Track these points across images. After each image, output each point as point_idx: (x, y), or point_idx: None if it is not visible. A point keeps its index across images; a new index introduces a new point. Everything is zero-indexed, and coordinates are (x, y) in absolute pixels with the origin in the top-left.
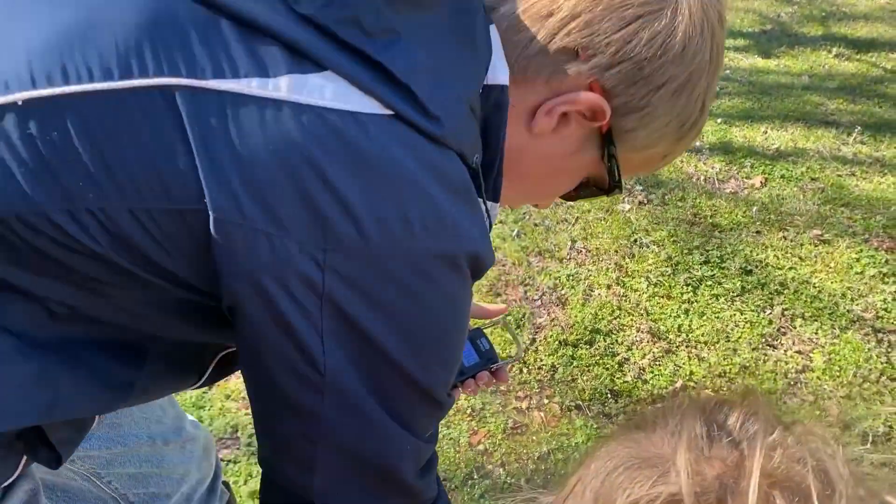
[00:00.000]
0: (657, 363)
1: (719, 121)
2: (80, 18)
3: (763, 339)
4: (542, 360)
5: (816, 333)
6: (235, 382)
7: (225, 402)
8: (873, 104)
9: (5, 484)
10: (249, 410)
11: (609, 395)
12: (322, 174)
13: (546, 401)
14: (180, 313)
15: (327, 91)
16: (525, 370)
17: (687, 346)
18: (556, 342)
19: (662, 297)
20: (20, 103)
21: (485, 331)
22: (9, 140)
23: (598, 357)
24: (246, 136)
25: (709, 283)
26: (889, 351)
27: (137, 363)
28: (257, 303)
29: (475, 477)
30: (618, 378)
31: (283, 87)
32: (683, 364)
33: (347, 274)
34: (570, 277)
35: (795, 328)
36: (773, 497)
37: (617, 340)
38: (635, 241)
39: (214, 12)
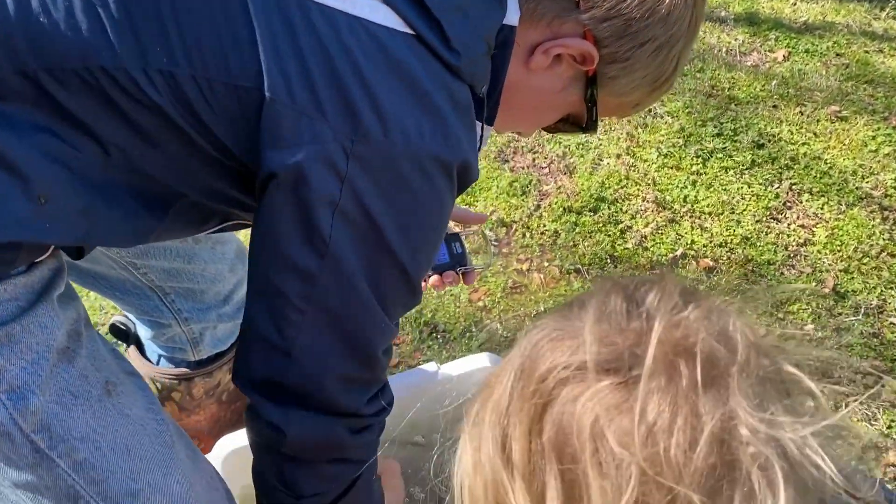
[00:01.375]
0: (659, 232)
1: None
2: None
3: (768, 213)
4: (545, 226)
5: (822, 209)
6: None
7: None
8: None
9: (34, 261)
10: None
11: (609, 260)
12: (359, 71)
13: (546, 264)
14: (214, 173)
15: (370, 8)
16: (528, 234)
17: (691, 217)
18: (561, 209)
19: (671, 168)
20: None
21: (462, 237)
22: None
23: (602, 224)
24: (304, 34)
25: (719, 155)
26: (893, 228)
27: (160, 215)
28: (288, 175)
29: (473, 330)
30: (619, 245)
31: None
32: (686, 233)
33: (367, 164)
34: (580, 146)
35: (801, 203)
36: (678, 363)
37: (621, 209)
38: (649, 111)
39: None
